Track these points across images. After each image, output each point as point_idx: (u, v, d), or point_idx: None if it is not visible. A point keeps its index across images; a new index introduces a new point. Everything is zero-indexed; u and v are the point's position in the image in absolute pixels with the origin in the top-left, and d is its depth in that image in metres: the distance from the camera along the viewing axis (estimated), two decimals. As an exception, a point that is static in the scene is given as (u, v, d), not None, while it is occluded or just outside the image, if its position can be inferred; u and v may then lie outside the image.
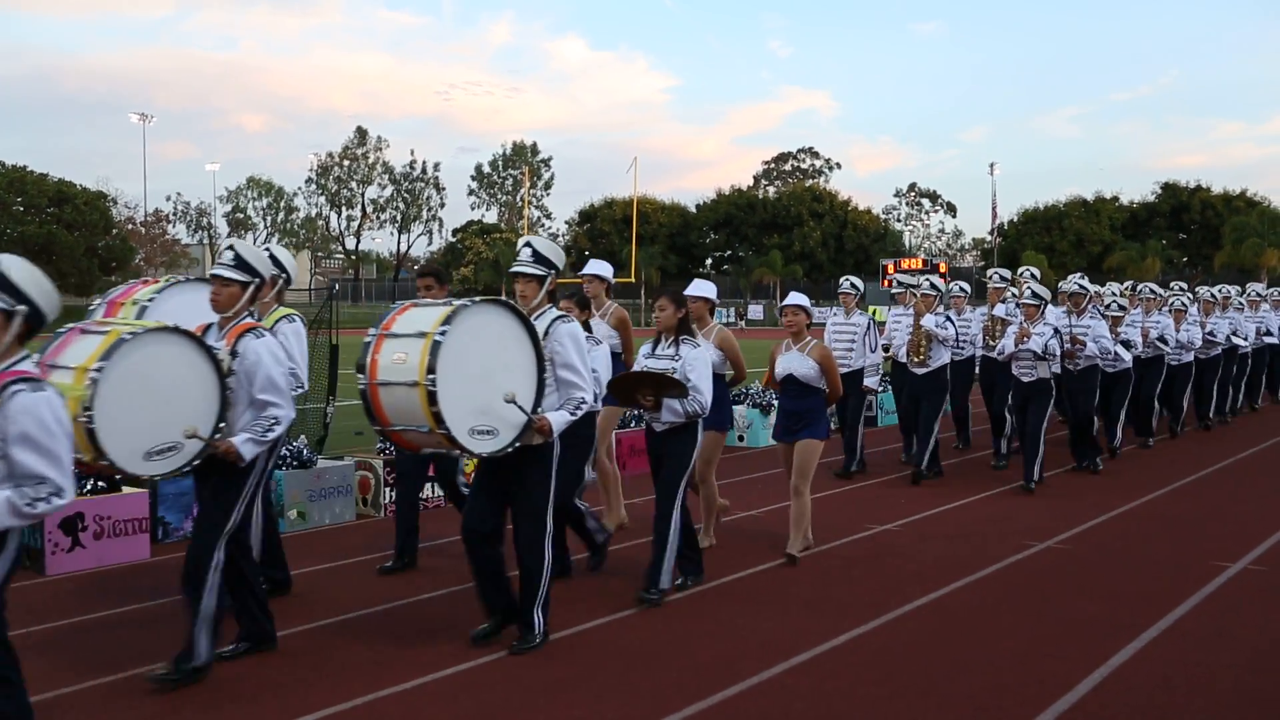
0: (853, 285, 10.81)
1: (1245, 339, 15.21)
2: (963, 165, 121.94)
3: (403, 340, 4.84)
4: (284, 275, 6.15)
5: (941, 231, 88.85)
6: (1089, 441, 10.79)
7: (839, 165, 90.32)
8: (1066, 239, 69.40)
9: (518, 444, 5.04)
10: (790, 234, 74.21)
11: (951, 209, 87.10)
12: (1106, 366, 11.37)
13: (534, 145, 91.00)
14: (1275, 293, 18.24)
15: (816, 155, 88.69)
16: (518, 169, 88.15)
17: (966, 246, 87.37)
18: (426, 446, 5.08)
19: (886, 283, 46.91)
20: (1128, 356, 11.51)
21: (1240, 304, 15.81)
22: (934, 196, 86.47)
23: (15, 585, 6.20)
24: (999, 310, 11.30)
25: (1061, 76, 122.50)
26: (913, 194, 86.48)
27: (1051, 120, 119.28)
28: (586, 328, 6.62)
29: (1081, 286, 11.13)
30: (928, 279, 10.84)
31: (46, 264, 56.33)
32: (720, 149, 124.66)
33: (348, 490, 8.49)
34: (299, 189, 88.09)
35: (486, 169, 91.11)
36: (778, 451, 7.58)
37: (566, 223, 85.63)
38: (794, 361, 7.25)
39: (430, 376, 4.66)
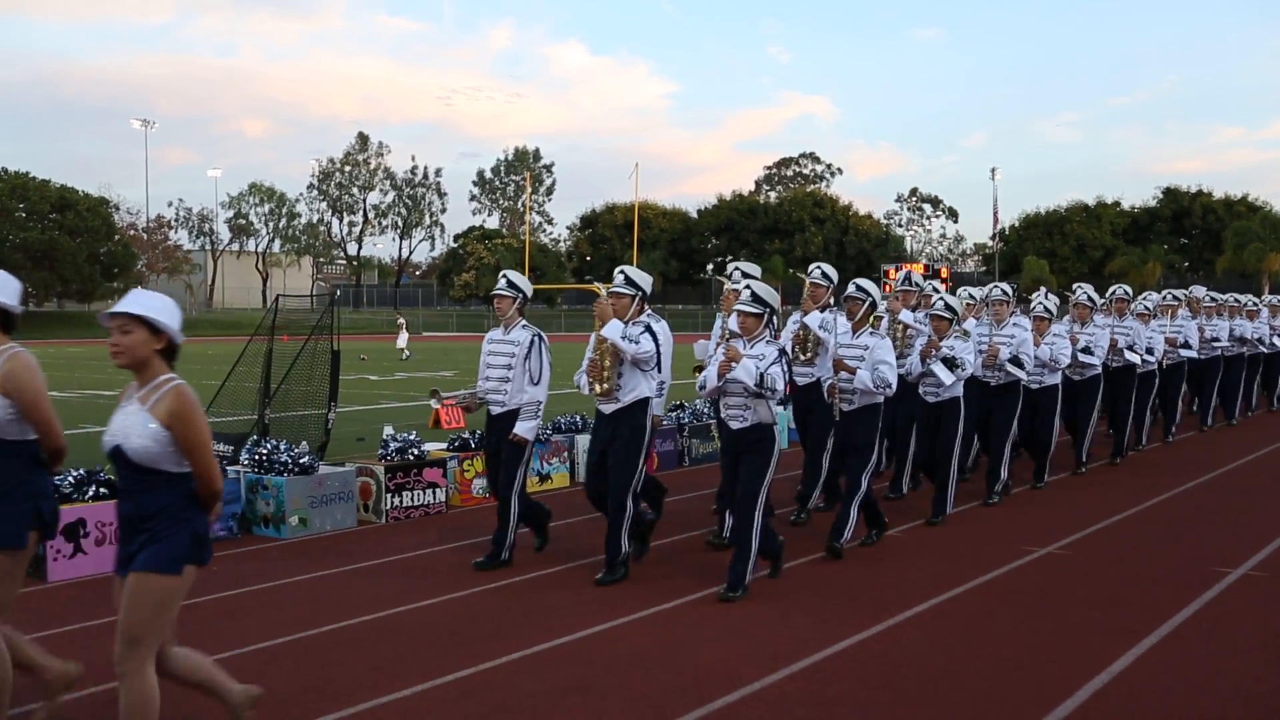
0: (509, 284, 7.29)
1: (1150, 354, 12.08)
2: (963, 170, 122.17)
3: None
4: None
5: (943, 236, 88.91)
6: (867, 505, 7.69)
7: (840, 170, 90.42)
8: (1068, 244, 69.43)
9: None
10: (791, 239, 74.28)
11: (953, 214, 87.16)
12: (927, 395, 8.73)
13: (536, 151, 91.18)
14: (1232, 299, 15.59)
15: (817, 160, 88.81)
16: (519, 174, 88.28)
17: (968, 251, 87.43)
18: None
19: (888, 287, 46.82)
20: (948, 379, 8.39)
21: (1146, 309, 12.70)
22: (935, 201, 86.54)
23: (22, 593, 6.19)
24: (734, 322, 7.05)
25: (1060, 82, 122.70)
26: (914, 199, 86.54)
27: (1051, 125, 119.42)
28: None
29: (860, 289, 7.77)
30: (621, 270, 6.99)
31: (49, 270, 56.47)
32: (721, 154, 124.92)
33: (349, 496, 8.50)
34: (301, 195, 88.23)
35: (488, 174, 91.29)
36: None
37: (568, 228, 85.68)
38: (128, 423, 3.77)
39: None
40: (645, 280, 7.01)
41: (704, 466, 11.34)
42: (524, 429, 7.01)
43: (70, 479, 7.05)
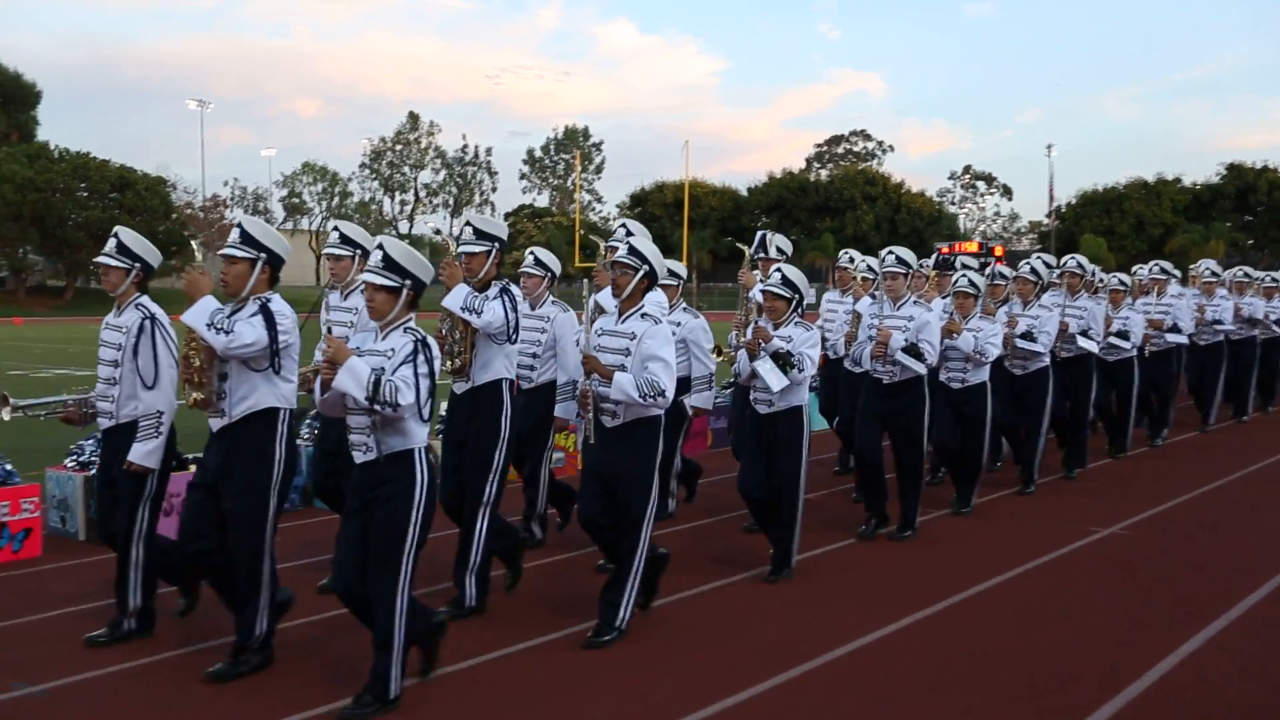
0: (119, 248, 5.25)
1: (1124, 339, 10.04)
2: (1018, 147, 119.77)
3: None
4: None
5: (997, 214, 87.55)
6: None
7: (891, 148, 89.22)
8: (1126, 221, 68.04)
9: None
10: (843, 217, 73.58)
11: (1007, 191, 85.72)
12: (759, 404, 6.28)
13: (585, 129, 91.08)
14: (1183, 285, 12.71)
15: (869, 138, 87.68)
16: (569, 153, 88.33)
17: (1023, 229, 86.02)
18: None
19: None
20: (776, 382, 6.05)
21: (1121, 285, 10.45)
22: (989, 179, 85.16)
23: (92, 560, 6.33)
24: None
25: (1118, 56, 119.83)
26: (967, 176, 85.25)
27: (1109, 100, 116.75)
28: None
29: (633, 252, 5.34)
30: (237, 224, 4.87)
31: (109, 248, 57.69)
32: (771, 132, 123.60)
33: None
34: (353, 173, 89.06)
35: (538, 153, 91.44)
36: None
37: (618, 206, 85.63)
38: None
39: None
40: (274, 239, 4.85)
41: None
42: (140, 453, 5.01)
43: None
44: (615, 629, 5.18)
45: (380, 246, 4.50)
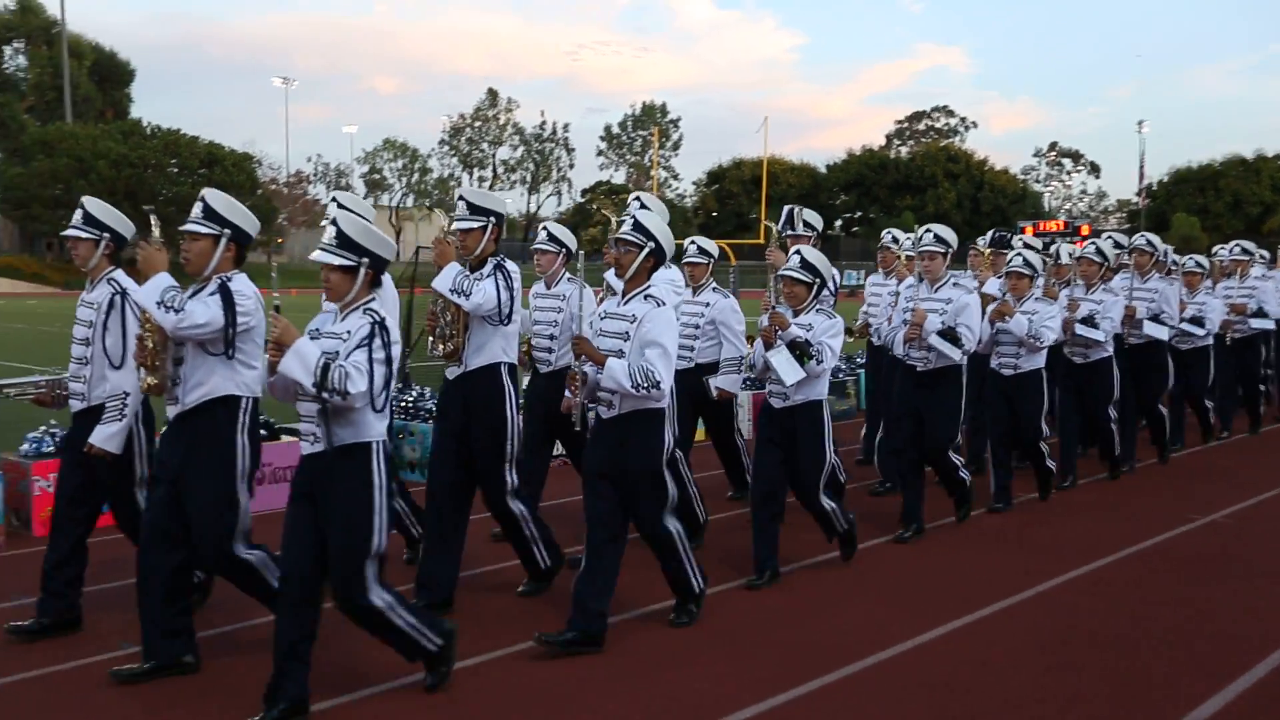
0: (85, 219, 4.98)
1: (1198, 325, 9.27)
2: (1107, 123, 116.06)
3: None
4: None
5: (1084, 193, 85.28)
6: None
7: (975, 124, 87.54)
8: (1222, 200, 65.79)
9: None
10: (924, 195, 72.39)
11: (1095, 169, 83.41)
12: (773, 398, 5.89)
13: (663, 105, 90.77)
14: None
15: (951, 114, 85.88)
16: (646, 129, 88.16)
17: (1111, 208, 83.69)
18: None
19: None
20: (791, 375, 5.61)
21: (1198, 267, 9.67)
22: (1076, 156, 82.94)
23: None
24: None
25: (1215, 28, 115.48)
26: (1053, 153, 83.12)
27: (1205, 75, 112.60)
28: None
29: (638, 229, 4.99)
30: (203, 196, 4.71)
31: (198, 223, 59.44)
32: (850, 108, 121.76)
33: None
34: (432, 150, 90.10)
35: (615, 129, 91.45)
36: None
37: (694, 183, 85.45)
38: None
39: None
40: (240, 214, 4.56)
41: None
42: (101, 435, 4.69)
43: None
44: (697, 600, 5.14)
45: (334, 222, 4.11)
